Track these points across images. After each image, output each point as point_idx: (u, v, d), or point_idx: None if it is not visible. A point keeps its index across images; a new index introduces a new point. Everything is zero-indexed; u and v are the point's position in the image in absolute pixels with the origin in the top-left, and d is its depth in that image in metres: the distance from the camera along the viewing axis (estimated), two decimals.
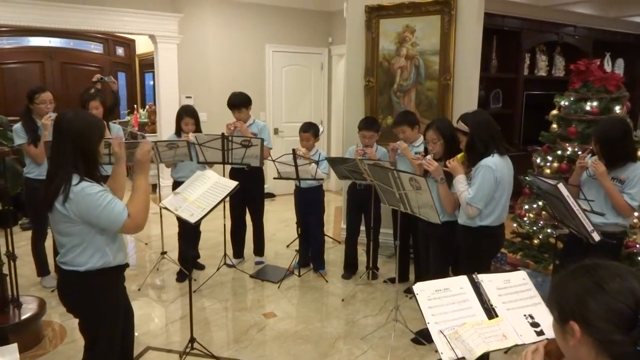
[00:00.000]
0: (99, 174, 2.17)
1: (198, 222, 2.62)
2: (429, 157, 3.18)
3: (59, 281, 2.29)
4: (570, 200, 2.48)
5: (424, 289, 1.92)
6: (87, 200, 2.05)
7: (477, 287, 1.98)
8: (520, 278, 2.07)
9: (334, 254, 5.15)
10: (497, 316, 1.90)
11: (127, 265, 2.36)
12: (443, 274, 3.23)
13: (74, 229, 2.11)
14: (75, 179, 2.05)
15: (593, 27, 7.69)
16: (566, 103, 3.86)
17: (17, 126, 3.95)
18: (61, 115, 2.16)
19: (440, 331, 1.80)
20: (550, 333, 1.85)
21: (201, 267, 4.69)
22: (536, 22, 7.01)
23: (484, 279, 2.00)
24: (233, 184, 2.72)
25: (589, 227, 2.44)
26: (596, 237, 2.44)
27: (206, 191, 2.71)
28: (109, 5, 6.44)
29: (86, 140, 2.10)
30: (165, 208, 2.76)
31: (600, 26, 7.78)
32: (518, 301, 1.98)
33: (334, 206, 7.00)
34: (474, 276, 2.00)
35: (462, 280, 1.99)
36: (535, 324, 1.91)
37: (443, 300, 1.92)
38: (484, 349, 1.76)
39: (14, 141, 4.07)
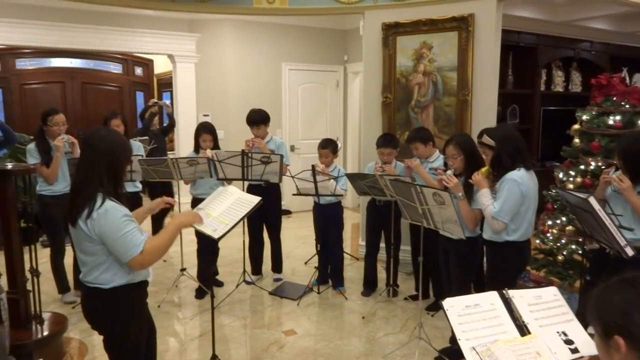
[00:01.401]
0: (122, 192, 2.18)
1: (220, 238, 2.61)
2: (449, 172, 3.16)
3: (83, 298, 2.28)
4: (602, 214, 2.44)
5: (453, 305, 1.89)
6: (109, 223, 2.04)
7: (507, 303, 1.94)
8: (551, 294, 2.02)
9: (352, 271, 5.11)
10: (529, 333, 1.86)
11: (148, 282, 2.36)
12: (465, 291, 3.18)
13: (96, 248, 2.10)
14: (99, 198, 2.05)
15: (610, 42, 7.66)
16: (588, 117, 3.82)
17: (31, 146, 4.01)
18: (94, 132, 2.18)
19: (473, 348, 1.76)
20: (584, 351, 1.81)
21: (220, 284, 4.68)
22: (552, 38, 7.00)
23: (514, 294, 1.96)
24: (256, 199, 2.72)
25: (622, 242, 2.39)
26: (629, 251, 2.38)
27: (229, 207, 2.71)
28: (130, 27, 6.59)
29: (116, 158, 2.12)
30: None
31: (617, 41, 7.74)
32: (550, 317, 1.93)
33: (351, 223, 6.97)
34: (504, 292, 1.96)
35: (493, 295, 1.95)
36: (569, 342, 1.86)
37: (474, 316, 1.88)
38: None
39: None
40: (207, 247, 4.37)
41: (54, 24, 6.19)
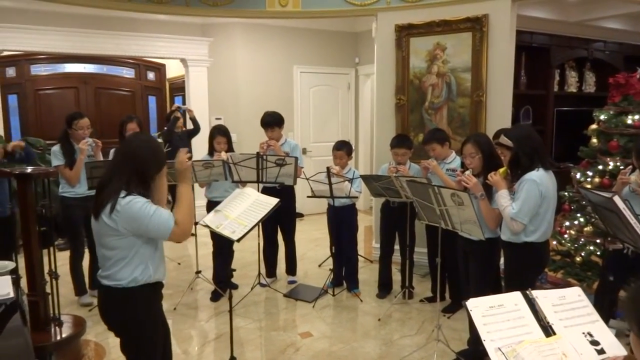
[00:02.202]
0: (150, 197, 2.21)
1: (239, 240, 2.62)
2: (467, 172, 3.14)
3: (100, 298, 2.30)
4: (627, 213, 2.41)
5: (477, 305, 1.87)
6: (134, 211, 2.10)
7: (531, 304, 1.92)
8: (575, 294, 1.99)
9: (366, 273, 5.09)
10: (554, 334, 1.84)
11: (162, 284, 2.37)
12: (485, 293, 3.15)
13: (120, 242, 2.14)
14: (123, 193, 2.10)
15: (623, 42, 7.59)
16: (606, 117, 3.79)
17: (55, 148, 4.07)
18: (134, 136, 2.30)
19: (499, 348, 1.74)
20: (611, 352, 1.78)
21: (234, 287, 4.68)
22: (565, 38, 6.95)
23: (538, 295, 1.94)
24: (274, 201, 2.73)
25: None
26: None
27: (247, 208, 2.72)
28: (143, 32, 6.64)
29: (146, 164, 2.18)
30: (207, 226, 2.77)
31: (631, 41, 7.67)
32: (575, 318, 1.90)
33: (364, 225, 6.93)
34: (527, 292, 1.94)
35: (516, 296, 1.93)
36: (595, 342, 1.83)
37: (498, 317, 1.86)
38: None
39: (51, 163, 4.19)
40: (223, 250, 4.39)
41: (68, 29, 6.26)
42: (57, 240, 5.93)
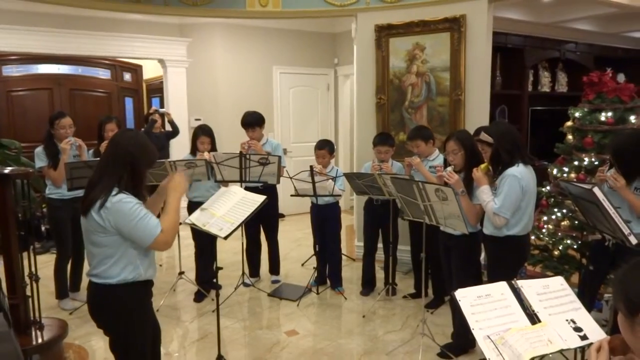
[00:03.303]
0: (143, 193, 2.20)
1: (227, 237, 2.62)
2: (449, 169, 3.20)
3: (90, 296, 2.28)
4: (607, 204, 2.50)
5: (466, 295, 1.92)
6: (123, 211, 2.08)
7: (517, 293, 1.98)
8: (558, 283, 2.07)
9: (349, 272, 5.12)
10: (540, 321, 1.90)
11: (153, 282, 2.36)
12: (467, 286, 3.21)
13: (107, 240, 2.13)
14: (114, 190, 2.08)
15: (594, 43, 7.82)
16: (580, 114, 3.91)
17: (39, 150, 4.01)
18: (122, 132, 2.28)
19: (487, 336, 1.79)
20: (593, 337, 1.85)
21: (218, 287, 4.65)
22: (538, 39, 7.13)
23: (523, 284, 2.01)
24: (261, 198, 2.73)
25: (626, 231, 2.45)
26: (633, 240, 2.45)
27: (234, 206, 2.71)
28: (119, 32, 6.55)
29: (137, 160, 2.16)
30: (193, 224, 2.75)
31: (601, 42, 7.91)
32: (559, 306, 1.97)
33: (345, 225, 6.96)
34: (513, 282, 2.00)
35: (502, 286, 1.99)
36: (578, 329, 1.90)
37: (486, 306, 1.91)
38: (532, 354, 1.75)
39: (34, 165, 4.11)
40: (205, 250, 4.36)
41: (43, 29, 6.13)
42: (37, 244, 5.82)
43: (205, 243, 4.29)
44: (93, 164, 3.72)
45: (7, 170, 3.16)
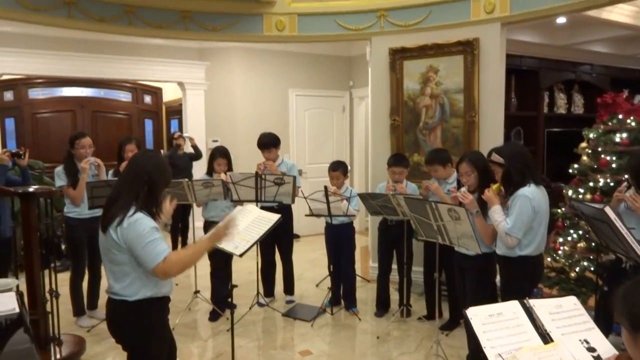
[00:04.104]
0: (158, 212, 2.27)
1: (242, 255, 2.66)
2: (463, 189, 3.22)
3: (109, 312, 2.33)
4: (619, 224, 2.50)
5: (477, 314, 1.93)
6: (137, 231, 2.14)
7: (529, 312, 1.97)
8: (571, 303, 2.06)
9: (363, 292, 5.11)
10: (552, 341, 1.89)
11: (169, 298, 2.41)
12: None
13: (124, 257, 2.19)
14: (132, 209, 2.16)
15: (610, 65, 7.81)
16: (595, 135, 3.91)
17: (59, 169, 4.12)
18: (142, 152, 2.43)
19: (499, 354, 1.79)
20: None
21: (233, 306, 4.68)
22: (553, 62, 7.15)
23: (535, 303, 2.00)
24: (276, 217, 2.79)
25: (639, 250, 2.44)
26: None
27: (249, 224, 2.77)
28: (141, 56, 6.77)
29: (153, 180, 2.24)
30: None
31: (617, 64, 7.90)
32: (572, 326, 1.96)
33: (360, 246, 6.97)
34: (525, 301, 2.00)
35: (514, 305, 1.99)
36: (591, 349, 1.89)
37: (497, 325, 1.91)
38: None
39: (53, 184, 4.24)
40: (220, 269, 4.41)
41: (67, 53, 6.38)
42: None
43: (220, 262, 4.34)
44: (113, 184, 3.83)
45: (31, 188, 3.28)
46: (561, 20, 5.57)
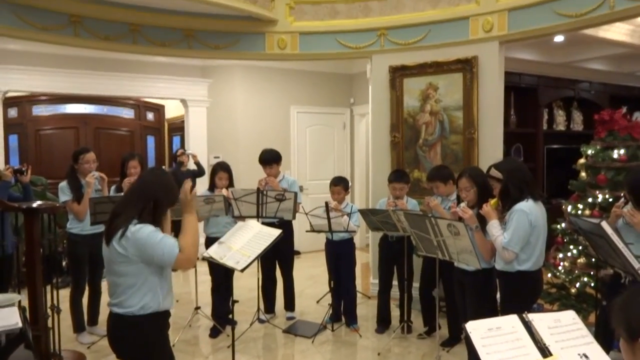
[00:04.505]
0: (160, 229, 2.30)
1: (243, 270, 2.69)
2: (462, 204, 3.25)
3: (110, 325, 2.35)
4: (615, 238, 2.52)
5: (476, 328, 1.94)
6: (143, 236, 2.18)
7: (528, 326, 1.99)
8: (570, 317, 2.07)
9: (364, 309, 5.11)
10: (551, 355, 1.90)
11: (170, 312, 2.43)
12: None
13: (128, 268, 2.21)
14: (134, 221, 2.20)
15: (608, 82, 7.89)
16: (593, 152, 3.95)
17: (63, 184, 4.16)
18: (151, 170, 2.50)
19: None
20: None
21: (234, 323, 4.67)
22: (551, 79, 7.23)
23: (534, 318, 2.01)
24: (277, 232, 2.81)
25: (636, 265, 2.46)
26: None
27: (250, 239, 2.80)
28: (144, 73, 6.87)
29: (158, 199, 2.28)
30: (210, 258, 2.83)
31: (616, 81, 7.98)
32: (571, 340, 1.97)
33: (360, 262, 6.96)
34: (524, 315, 2.02)
35: (513, 319, 2.01)
36: None
37: (496, 338, 1.93)
38: None
39: (56, 199, 4.27)
40: (221, 286, 4.42)
41: (72, 71, 6.47)
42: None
43: (221, 278, 4.36)
44: (116, 199, 3.86)
45: (35, 204, 3.32)
46: (559, 38, 5.65)
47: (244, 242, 2.78)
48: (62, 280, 5.95)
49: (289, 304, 4.91)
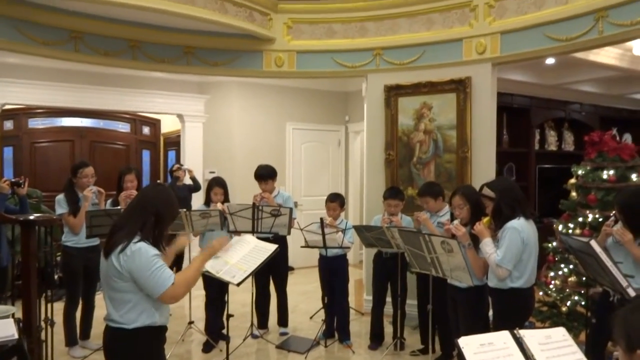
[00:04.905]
0: (162, 244, 2.33)
1: (239, 284, 2.71)
2: (456, 222, 3.30)
3: (106, 340, 2.36)
4: (603, 257, 2.57)
5: (469, 343, 1.98)
6: (141, 260, 2.18)
7: (519, 342, 2.03)
8: (560, 334, 2.11)
9: (357, 325, 5.11)
10: None
11: (166, 327, 2.45)
12: None
13: (124, 285, 2.22)
14: (136, 238, 2.21)
15: (598, 104, 8.05)
16: (583, 172, 4.03)
17: (60, 197, 4.18)
18: (152, 185, 2.45)
19: None
20: None
21: (227, 338, 4.67)
22: (543, 100, 7.37)
23: (525, 334, 2.05)
24: (273, 247, 2.85)
25: (624, 283, 2.51)
26: (631, 292, 2.50)
27: (247, 254, 2.82)
28: (142, 88, 6.93)
29: (160, 213, 2.30)
30: (207, 272, 2.85)
31: (606, 103, 8.14)
32: (561, 356, 2.01)
33: (354, 279, 6.98)
34: (515, 331, 2.06)
35: (504, 335, 2.04)
36: None
37: (488, 354, 1.96)
38: None
39: (53, 213, 4.28)
40: (215, 300, 4.43)
41: (68, 85, 6.52)
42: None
43: (215, 293, 4.36)
44: (113, 213, 3.89)
45: (32, 216, 3.33)
46: (550, 61, 5.79)
47: (240, 257, 2.81)
48: (54, 293, 5.93)
49: (282, 320, 4.92)
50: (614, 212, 3.24)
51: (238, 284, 2.68)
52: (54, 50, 4.76)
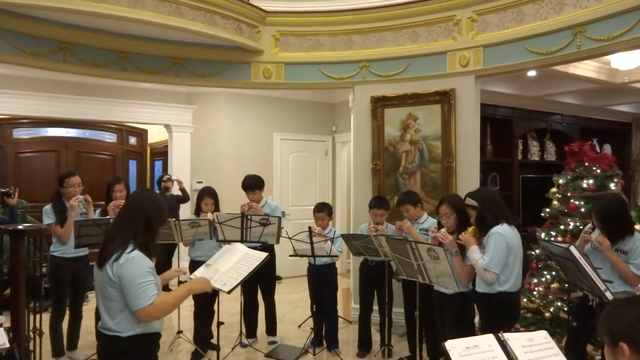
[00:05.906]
0: (153, 248, 2.36)
1: (230, 291, 2.75)
2: (443, 230, 3.39)
3: (100, 348, 2.38)
4: (583, 262, 2.67)
5: (455, 346, 2.05)
6: (132, 269, 2.21)
7: (503, 345, 2.10)
8: (542, 337, 2.19)
9: (345, 334, 5.16)
10: None
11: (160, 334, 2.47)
12: None
13: (117, 294, 2.24)
14: (131, 246, 2.24)
15: (579, 115, 8.26)
16: (564, 181, 4.15)
17: (47, 207, 4.17)
18: (139, 191, 2.51)
19: None
20: None
21: (216, 347, 4.68)
22: (525, 111, 7.55)
23: (509, 337, 2.13)
24: (263, 255, 2.89)
25: (602, 287, 2.60)
26: (609, 295, 2.60)
27: (237, 262, 2.87)
28: (130, 99, 6.96)
29: (150, 218, 2.33)
30: None
31: (586, 114, 8.35)
32: (544, 358, 2.09)
33: (342, 287, 7.02)
34: (499, 335, 2.13)
35: (489, 338, 2.11)
36: None
37: (474, 357, 2.03)
38: None
39: (40, 223, 4.27)
40: (204, 310, 4.44)
41: (54, 95, 6.51)
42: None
43: (203, 302, 4.38)
44: (101, 223, 3.90)
45: (21, 226, 3.34)
46: (532, 73, 5.94)
47: (231, 265, 2.85)
48: (41, 304, 5.87)
49: (271, 328, 4.94)
50: (592, 219, 3.35)
51: (229, 292, 2.71)
52: (43, 61, 4.77)
